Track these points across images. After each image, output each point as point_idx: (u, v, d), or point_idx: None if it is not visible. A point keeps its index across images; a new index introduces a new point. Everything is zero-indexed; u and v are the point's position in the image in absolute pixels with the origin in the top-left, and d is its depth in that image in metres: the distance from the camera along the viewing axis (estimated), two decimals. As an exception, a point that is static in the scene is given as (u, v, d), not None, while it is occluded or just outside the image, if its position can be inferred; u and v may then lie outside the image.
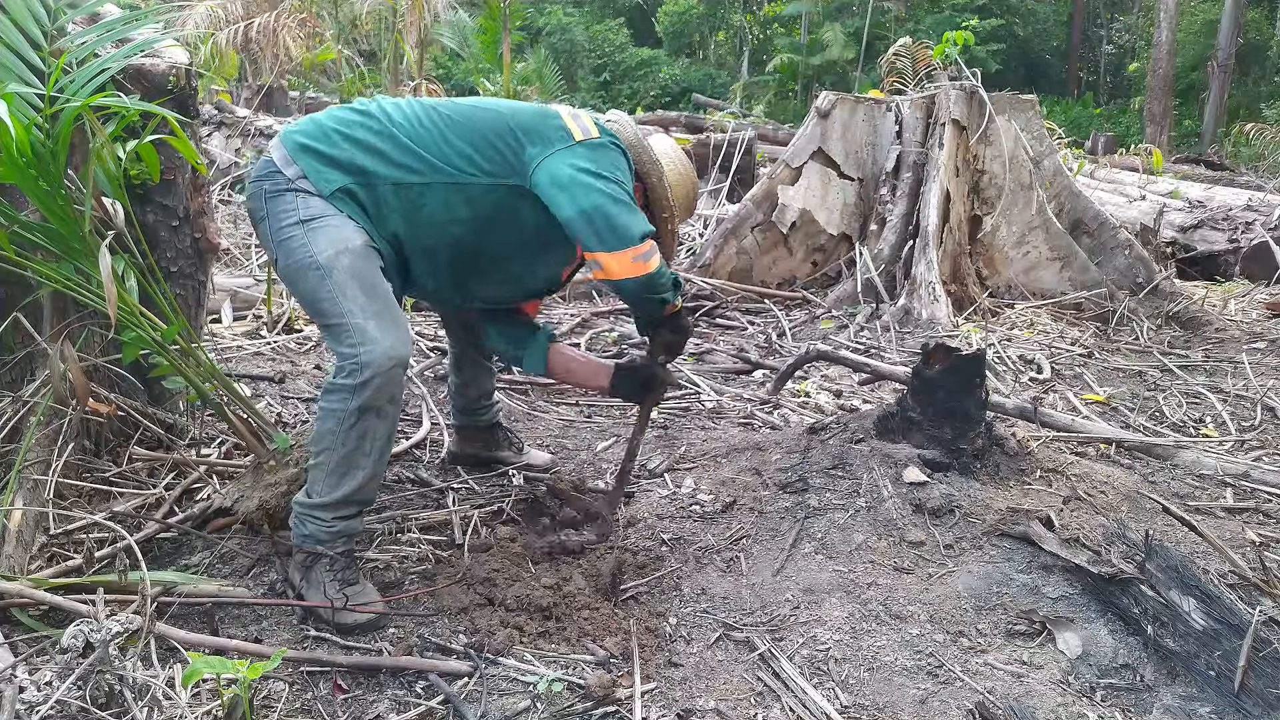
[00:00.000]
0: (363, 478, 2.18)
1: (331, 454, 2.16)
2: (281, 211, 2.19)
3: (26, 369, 2.60)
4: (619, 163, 2.38)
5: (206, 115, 8.80)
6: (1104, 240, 6.00)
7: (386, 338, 2.11)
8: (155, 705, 1.73)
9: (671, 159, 2.59)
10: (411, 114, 2.32)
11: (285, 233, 2.18)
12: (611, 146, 2.39)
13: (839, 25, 24.36)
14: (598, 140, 2.35)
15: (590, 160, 2.29)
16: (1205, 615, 2.03)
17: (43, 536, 2.29)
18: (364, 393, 2.10)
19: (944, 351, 2.72)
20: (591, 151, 2.32)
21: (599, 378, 2.76)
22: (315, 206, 2.18)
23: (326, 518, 2.18)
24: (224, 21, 10.47)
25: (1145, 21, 26.17)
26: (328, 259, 2.13)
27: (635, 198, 2.43)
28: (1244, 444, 3.63)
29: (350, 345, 2.12)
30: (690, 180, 2.65)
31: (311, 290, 2.17)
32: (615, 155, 2.38)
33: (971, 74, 6.21)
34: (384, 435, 2.19)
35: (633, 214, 2.30)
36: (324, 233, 2.16)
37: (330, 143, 2.24)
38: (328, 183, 2.20)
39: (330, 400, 2.15)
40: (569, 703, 1.90)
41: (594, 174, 2.27)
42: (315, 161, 2.21)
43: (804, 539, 2.48)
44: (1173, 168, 12.85)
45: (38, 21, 2.26)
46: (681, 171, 2.61)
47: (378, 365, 2.09)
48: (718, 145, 8.62)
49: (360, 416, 2.12)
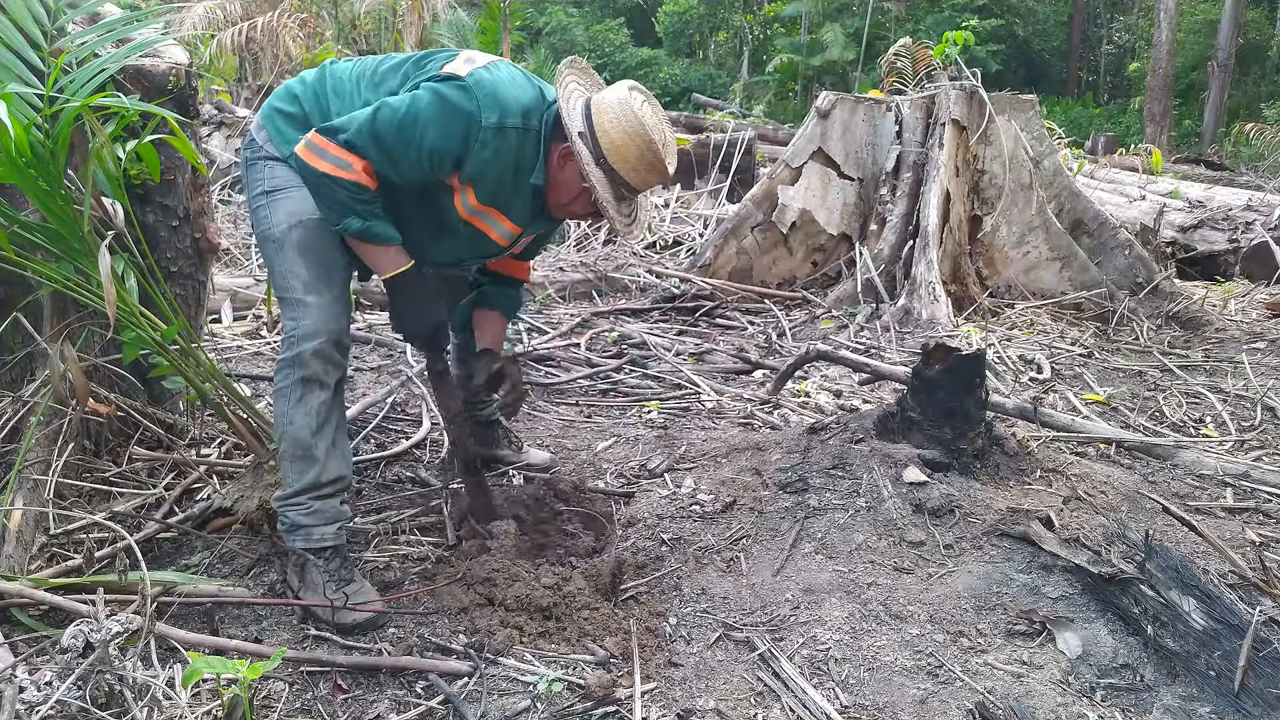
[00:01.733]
0: (322, 456, 2.19)
1: (286, 437, 2.19)
2: (253, 181, 2.26)
3: (26, 369, 2.60)
4: (446, 100, 2.10)
5: (206, 115, 8.80)
6: (1104, 240, 6.00)
7: (321, 311, 2.15)
8: (155, 705, 1.73)
9: (616, 114, 2.17)
10: (345, 71, 2.31)
11: (254, 203, 2.26)
12: (458, 87, 2.11)
13: (839, 25, 24.36)
14: (455, 77, 2.13)
15: (422, 91, 2.11)
16: (1205, 615, 2.03)
17: (43, 536, 2.29)
18: (301, 366, 2.13)
19: (944, 351, 2.72)
20: (430, 85, 2.12)
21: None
22: (279, 176, 2.23)
23: (303, 500, 2.21)
24: (223, 22, 10.47)
25: (1145, 21, 26.17)
26: (282, 232, 2.20)
27: (560, 160, 2.22)
28: (1244, 444, 3.62)
29: (291, 318, 2.17)
30: (641, 138, 2.17)
31: (269, 262, 2.26)
32: (451, 91, 2.10)
33: (971, 74, 6.22)
34: (329, 408, 2.19)
35: (378, 124, 2.07)
36: (283, 204, 2.20)
37: (291, 100, 2.29)
38: (287, 144, 2.22)
39: (278, 379, 2.19)
40: (569, 703, 1.90)
41: (414, 100, 2.09)
42: (278, 122, 2.26)
43: (804, 539, 2.48)
44: (1173, 168, 12.85)
45: (37, 21, 2.27)
46: (628, 128, 2.16)
47: (310, 338, 2.12)
48: (718, 145, 8.62)
49: (304, 390, 2.14)
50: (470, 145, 2.14)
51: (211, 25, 10.43)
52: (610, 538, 2.63)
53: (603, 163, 2.18)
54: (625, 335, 4.90)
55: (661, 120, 2.25)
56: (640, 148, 2.18)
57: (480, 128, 2.12)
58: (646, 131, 2.17)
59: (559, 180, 2.28)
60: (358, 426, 3.34)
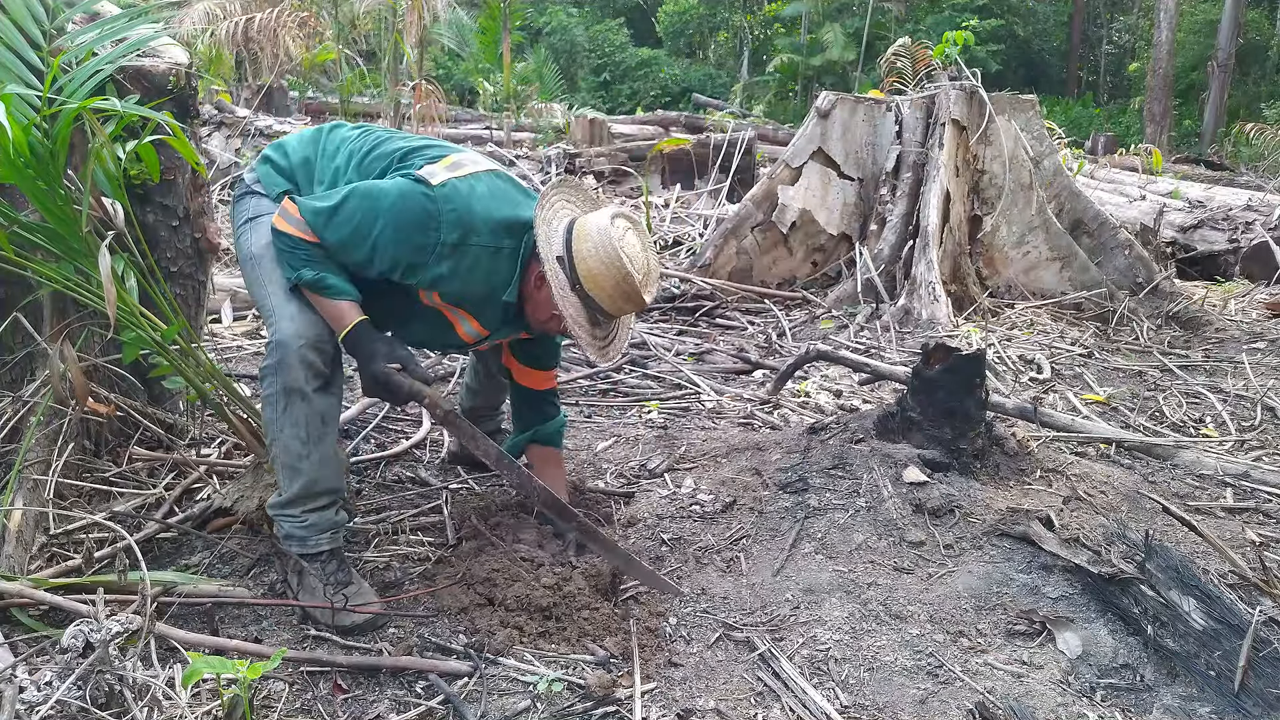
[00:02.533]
0: (311, 467, 2.18)
1: (276, 444, 2.19)
2: (239, 212, 2.38)
3: (26, 369, 2.60)
4: (408, 208, 2.11)
5: (206, 115, 8.81)
6: (1104, 240, 6.00)
7: (299, 318, 2.15)
8: (155, 705, 1.73)
9: (595, 243, 2.14)
10: (342, 140, 2.39)
11: (238, 230, 2.36)
12: (425, 195, 2.11)
13: (839, 25, 24.35)
14: (426, 184, 2.13)
15: (392, 187, 2.13)
16: (1205, 615, 2.03)
17: (43, 536, 2.29)
18: (282, 374, 2.12)
19: (944, 351, 2.72)
20: (401, 185, 2.14)
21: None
22: (264, 206, 2.32)
23: (296, 513, 2.20)
24: (222, 20, 10.45)
25: (1145, 21, 26.17)
26: (260, 249, 2.26)
27: (536, 280, 2.21)
28: (1244, 444, 3.63)
29: (271, 327, 2.19)
30: (618, 269, 2.13)
31: (248, 280, 2.32)
32: (416, 200, 2.11)
33: (971, 74, 6.21)
34: (316, 418, 2.17)
35: (340, 215, 2.10)
36: (262, 226, 2.27)
37: (282, 154, 2.40)
38: (275, 186, 2.34)
39: (263, 387, 2.18)
40: (569, 703, 1.90)
41: (380, 195, 2.12)
42: (269, 168, 2.38)
43: (804, 539, 2.48)
44: (1173, 168, 12.85)
45: (37, 21, 2.26)
46: (605, 258, 2.13)
47: (289, 344, 2.11)
48: (718, 145, 8.63)
49: (287, 399, 2.13)
50: (426, 257, 2.13)
51: (210, 23, 10.40)
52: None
53: (578, 289, 2.17)
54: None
55: (645, 248, 2.23)
56: (616, 279, 2.15)
57: (438, 243, 2.11)
58: (624, 264, 2.14)
59: (535, 299, 2.26)
60: (358, 426, 3.34)
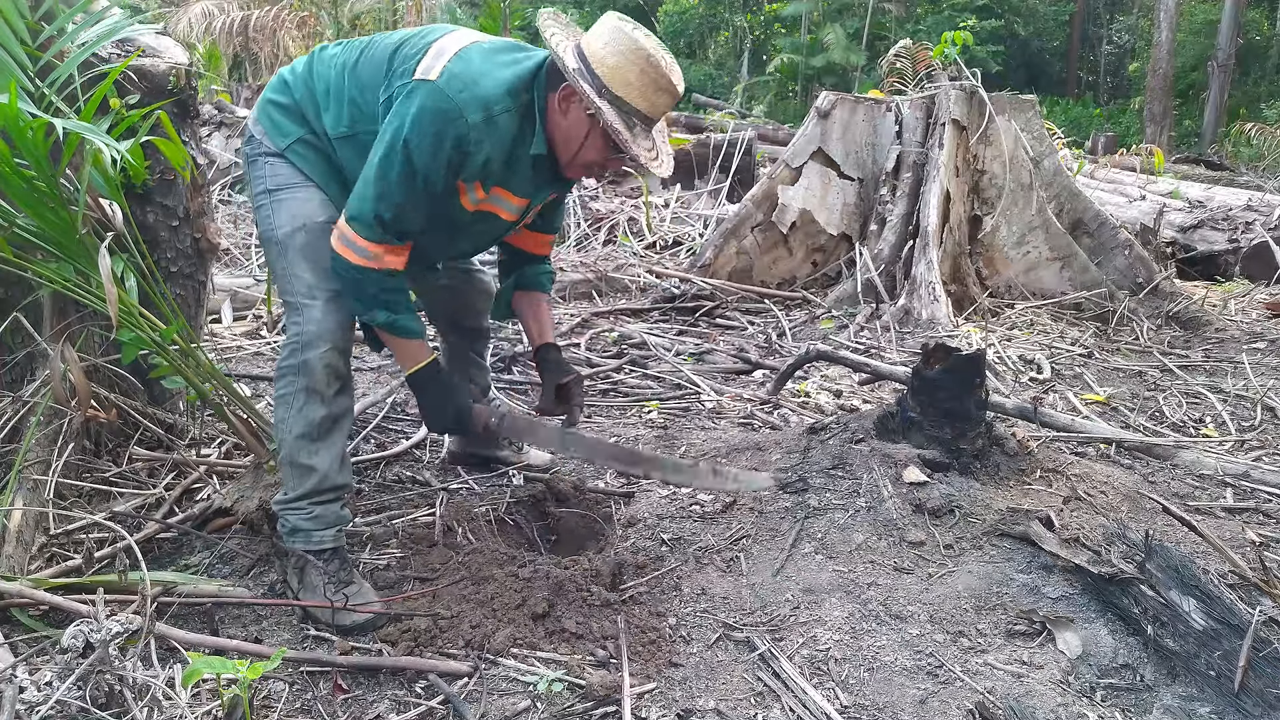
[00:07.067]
0: (324, 465, 2.19)
1: (286, 444, 2.18)
2: (255, 179, 2.23)
3: (26, 369, 2.60)
4: (425, 113, 2.01)
5: (206, 115, 8.80)
6: (1104, 240, 6.00)
7: (327, 319, 2.13)
8: (155, 705, 1.73)
9: (608, 39, 2.03)
10: (332, 59, 2.23)
11: (257, 201, 2.24)
12: (433, 93, 2.01)
13: (839, 26, 24.35)
14: (428, 83, 2.02)
15: (400, 115, 2.03)
16: (1205, 615, 2.02)
17: (43, 536, 2.29)
18: (305, 374, 2.11)
19: (944, 351, 2.72)
20: (406, 101, 2.03)
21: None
22: (281, 174, 2.20)
23: (304, 505, 2.20)
24: (219, 17, 10.46)
25: (1145, 21, 26.18)
26: (285, 235, 2.17)
27: (561, 105, 2.08)
28: (1244, 444, 3.62)
29: (295, 324, 2.16)
30: (638, 55, 2.00)
31: (272, 263, 2.25)
32: (428, 101, 2.00)
33: (971, 74, 6.21)
34: (330, 420, 2.18)
35: (382, 183, 2.03)
36: (286, 205, 2.18)
37: (283, 90, 2.24)
38: (283, 136, 2.20)
39: (280, 385, 2.17)
40: (569, 703, 1.90)
41: (396, 132, 2.02)
42: (272, 113, 2.23)
43: (804, 539, 2.48)
44: (1173, 168, 12.85)
45: (21, 15, 2.25)
46: (622, 49, 2.01)
47: (315, 346, 2.10)
48: (718, 145, 8.62)
49: (306, 400, 2.13)
50: (465, 148, 2.05)
51: (210, 22, 10.42)
52: (610, 538, 2.64)
53: (605, 93, 2.00)
54: (625, 335, 4.90)
55: (658, 44, 2.07)
56: (641, 67, 1.99)
57: (469, 127, 2.02)
58: (643, 49, 1.99)
59: (564, 130, 2.11)
60: (358, 426, 3.34)
